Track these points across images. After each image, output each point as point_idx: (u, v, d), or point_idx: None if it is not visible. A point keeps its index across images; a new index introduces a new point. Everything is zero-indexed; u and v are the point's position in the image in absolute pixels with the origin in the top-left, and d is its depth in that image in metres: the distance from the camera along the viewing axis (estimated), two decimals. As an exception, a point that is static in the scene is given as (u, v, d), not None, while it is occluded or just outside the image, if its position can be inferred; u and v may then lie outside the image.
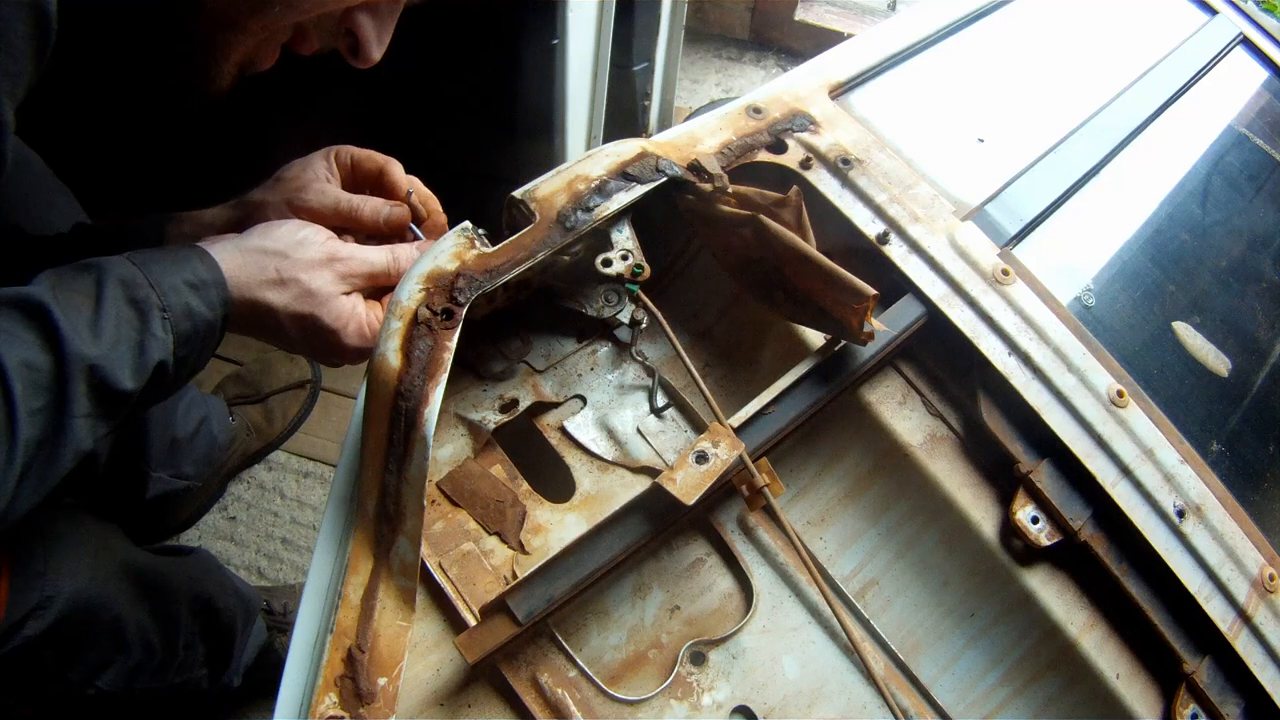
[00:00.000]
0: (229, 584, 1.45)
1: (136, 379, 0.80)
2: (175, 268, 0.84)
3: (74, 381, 0.76)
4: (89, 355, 0.76)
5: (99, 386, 0.78)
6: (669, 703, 0.86)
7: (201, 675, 1.41)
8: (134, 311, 0.81)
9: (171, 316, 0.83)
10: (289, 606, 1.66)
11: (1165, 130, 1.32)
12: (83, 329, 0.77)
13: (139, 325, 0.81)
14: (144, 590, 1.22)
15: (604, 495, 0.96)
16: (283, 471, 2.04)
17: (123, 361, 0.79)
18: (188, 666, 1.36)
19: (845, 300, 0.89)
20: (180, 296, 0.83)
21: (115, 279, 0.81)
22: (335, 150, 1.06)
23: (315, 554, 0.81)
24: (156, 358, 0.82)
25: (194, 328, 0.85)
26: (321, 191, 1.01)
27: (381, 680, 0.75)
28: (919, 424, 1.00)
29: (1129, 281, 1.18)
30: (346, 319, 0.94)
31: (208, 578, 1.40)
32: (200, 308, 0.85)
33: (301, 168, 1.04)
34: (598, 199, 0.95)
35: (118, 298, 0.80)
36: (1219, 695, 0.91)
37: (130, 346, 0.80)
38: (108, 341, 0.78)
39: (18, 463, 0.73)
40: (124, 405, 0.81)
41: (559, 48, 1.72)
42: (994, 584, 0.95)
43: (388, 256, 0.98)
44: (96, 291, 0.79)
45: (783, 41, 3.26)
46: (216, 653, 1.43)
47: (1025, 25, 1.39)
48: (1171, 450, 0.98)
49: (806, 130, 1.09)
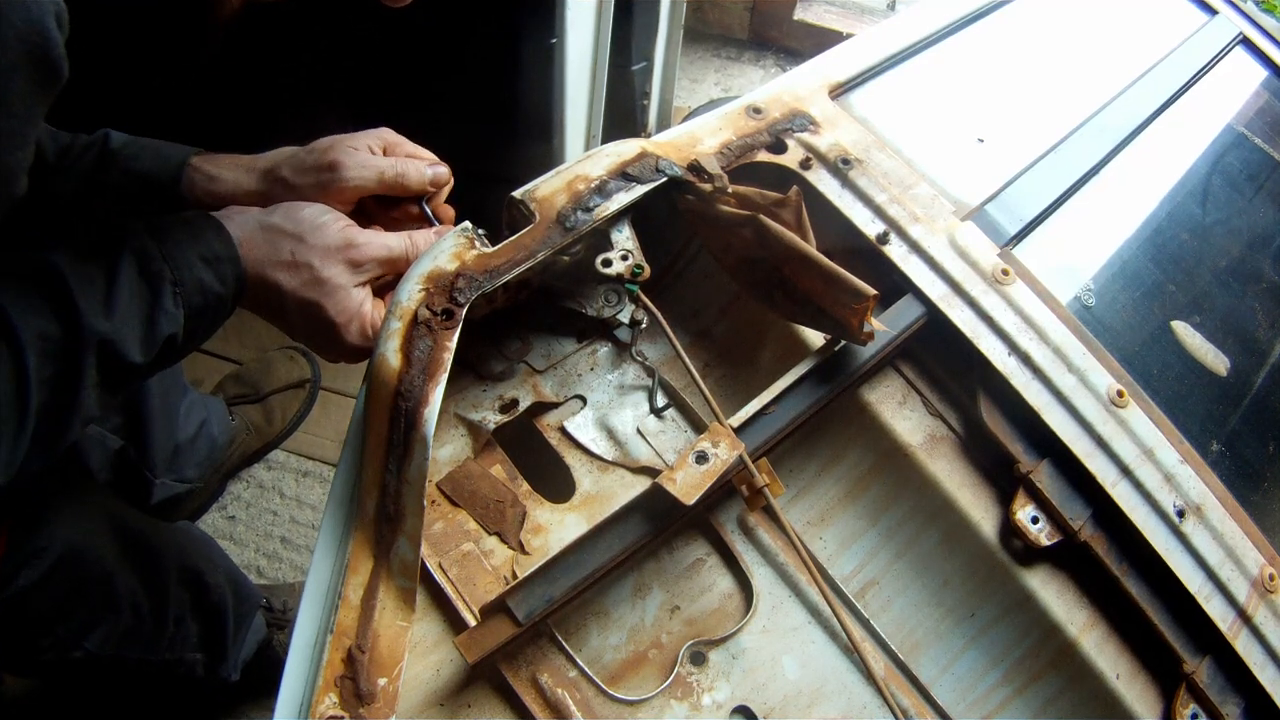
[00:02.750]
0: (217, 561, 1.45)
1: (146, 352, 0.82)
2: (191, 241, 0.85)
3: (86, 353, 0.78)
4: (101, 329, 0.78)
5: (109, 359, 0.80)
6: (669, 703, 0.86)
7: (196, 660, 1.41)
8: (147, 285, 0.82)
9: (183, 291, 0.84)
10: (289, 604, 1.67)
11: (1165, 130, 1.32)
12: (97, 303, 0.78)
13: (151, 299, 0.82)
14: (134, 551, 1.23)
15: (604, 495, 0.96)
16: (282, 471, 2.04)
17: (134, 335, 0.81)
18: (179, 644, 1.36)
19: (845, 300, 0.89)
20: (194, 271, 0.84)
21: (131, 252, 0.82)
22: (386, 133, 1.04)
23: (315, 554, 0.81)
24: (167, 331, 0.83)
25: (205, 302, 0.86)
26: (363, 164, 0.99)
27: (381, 680, 0.75)
28: (919, 424, 1.00)
29: (1129, 281, 1.18)
30: (351, 314, 0.93)
31: (194, 549, 1.40)
32: (213, 283, 0.85)
33: (344, 140, 1.01)
34: (598, 199, 0.95)
35: (132, 271, 0.81)
36: (1219, 695, 0.91)
37: (142, 320, 0.81)
38: (120, 316, 0.80)
39: (29, 429, 0.76)
40: (132, 376, 0.83)
41: (558, 47, 1.72)
42: (994, 584, 0.95)
43: (405, 242, 0.96)
44: (112, 264, 0.81)
45: (782, 41, 3.26)
46: (209, 635, 1.42)
47: (1025, 25, 1.39)
48: (1171, 450, 0.98)
49: (806, 130, 1.09)
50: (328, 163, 0.98)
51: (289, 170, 0.99)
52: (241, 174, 1.00)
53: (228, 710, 1.64)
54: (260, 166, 1.00)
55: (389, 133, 1.04)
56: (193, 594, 1.37)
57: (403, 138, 1.05)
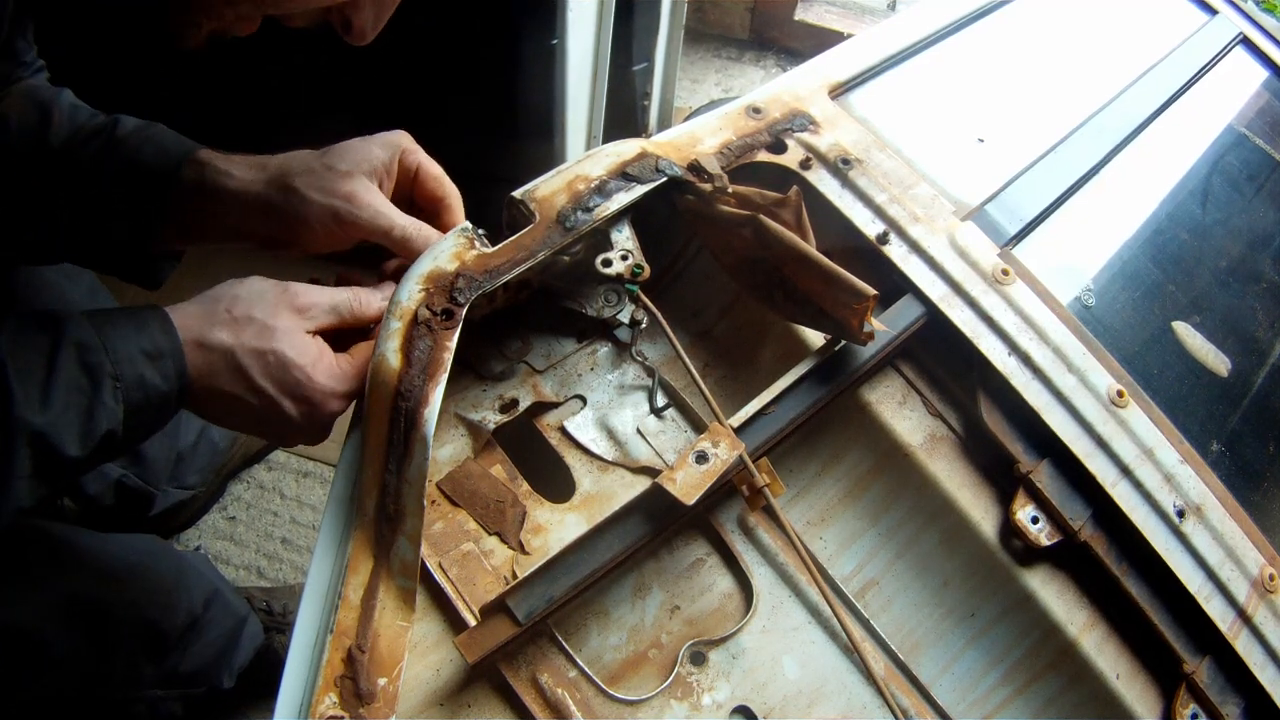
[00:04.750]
0: (178, 600, 1.36)
1: (82, 446, 0.79)
2: (134, 334, 0.81)
3: (18, 444, 0.75)
4: (35, 423, 0.75)
5: (43, 452, 0.77)
6: (669, 703, 0.86)
7: (159, 696, 1.36)
8: (86, 378, 0.79)
9: (124, 386, 0.80)
10: (288, 607, 1.66)
11: (1165, 130, 1.32)
12: (33, 393, 0.76)
13: (90, 392, 0.79)
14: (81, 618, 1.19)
15: (604, 495, 0.96)
16: (282, 471, 2.04)
17: (70, 428, 0.77)
18: (132, 684, 1.31)
19: (845, 300, 0.89)
20: (135, 367, 0.80)
21: (71, 342, 0.79)
22: (406, 151, 0.98)
23: (315, 554, 0.81)
24: (105, 427, 0.79)
25: (146, 399, 0.81)
26: (377, 213, 0.93)
27: (381, 680, 0.75)
28: (919, 424, 1.00)
29: (1129, 281, 1.18)
30: (314, 356, 0.86)
31: (151, 599, 1.32)
32: (155, 379, 0.81)
33: (360, 158, 0.95)
34: (598, 199, 0.95)
35: (71, 362, 0.78)
36: (1219, 695, 0.91)
37: (79, 414, 0.78)
38: (57, 408, 0.77)
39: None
40: (69, 469, 0.80)
41: (559, 47, 1.72)
42: (994, 584, 0.95)
43: (349, 294, 0.91)
44: (51, 352, 0.78)
45: (782, 41, 3.26)
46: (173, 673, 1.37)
47: (1025, 25, 1.39)
48: (1171, 450, 0.98)
49: (806, 130, 1.09)
50: (347, 175, 0.93)
51: (302, 182, 0.93)
52: (251, 174, 0.95)
53: (227, 713, 1.64)
54: (271, 168, 0.95)
55: (405, 138, 0.99)
56: (146, 644, 1.32)
57: (417, 146, 1.00)
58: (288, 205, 0.93)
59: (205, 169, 0.96)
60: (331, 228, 0.93)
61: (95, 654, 1.24)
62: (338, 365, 0.88)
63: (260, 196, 0.94)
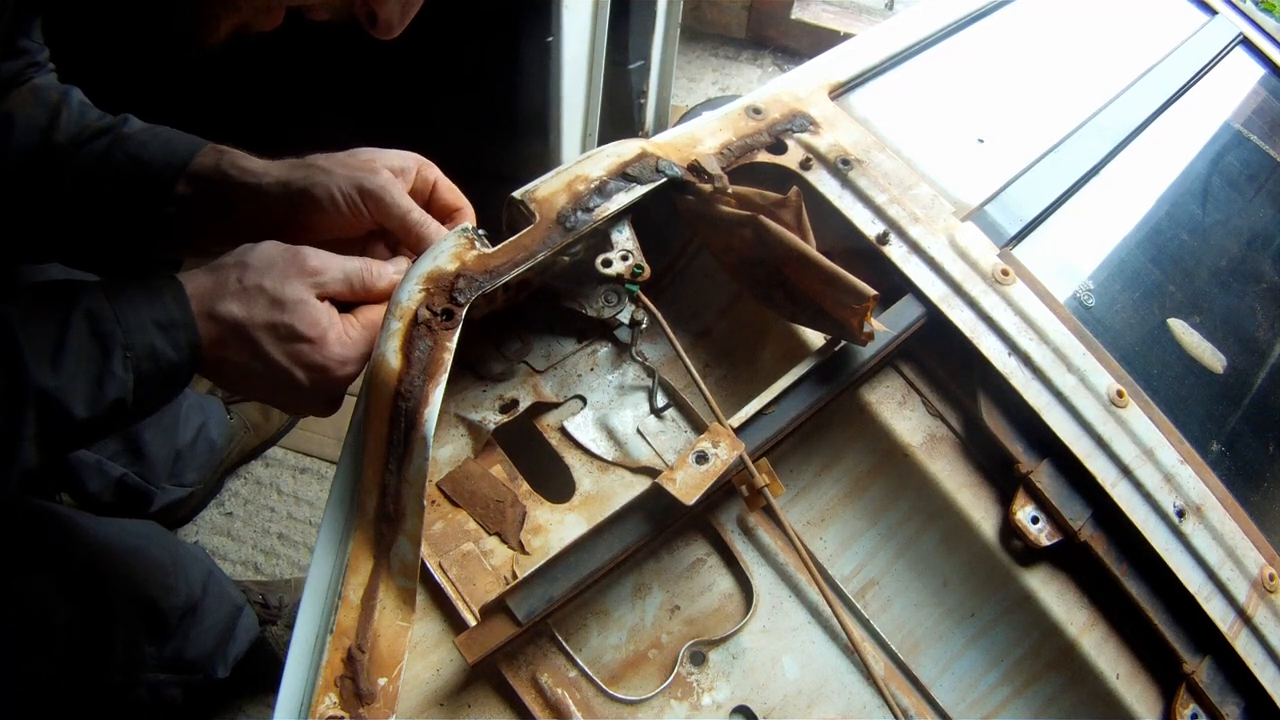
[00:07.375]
0: (177, 583, 1.37)
1: (90, 409, 0.79)
2: (147, 304, 0.82)
3: (27, 404, 0.76)
4: (45, 384, 0.76)
5: (51, 413, 0.77)
6: (669, 703, 0.86)
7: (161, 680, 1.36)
8: (97, 346, 0.79)
9: (134, 356, 0.80)
10: (284, 600, 1.67)
11: (1165, 130, 1.33)
12: (44, 358, 0.76)
13: (100, 360, 0.79)
14: (77, 590, 1.19)
15: (604, 495, 0.95)
16: (280, 467, 2.04)
17: (78, 392, 0.78)
18: (132, 667, 1.31)
19: (845, 301, 0.89)
20: (146, 336, 0.80)
21: (83, 310, 0.79)
22: (425, 165, 1.00)
23: (315, 554, 0.81)
24: (113, 395, 0.80)
25: (157, 369, 0.82)
26: (400, 194, 0.94)
27: (381, 680, 0.74)
28: (919, 424, 1.00)
29: (1129, 281, 1.18)
30: (324, 326, 0.86)
31: (150, 577, 1.33)
32: (166, 349, 0.81)
33: (380, 153, 0.97)
34: (597, 199, 0.94)
35: (82, 330, 0.79)
36: (1219, 695, 0.91)
37: (89, 380, 0.78)
38: (67, 373, 0.77)
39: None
40: (76, 433, 0.80)
41: (554, 45, 1.72)
42: (994, 584, 0.95)
43: (360, 264, 0.91)
44: (63, 320, 0.78)
45: (780, 40, 3.26)
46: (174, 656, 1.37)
47: (1025, 25, 1.39)
48: (1171, 450, 0.98)
49: (806, 131, 1.09)
50: (370, 162, 0.95)
51: (323, 160, 0.95)
52: (268, 162, 0.96)
53: (223, 706, 1.63)
54: (289, 158, 0.96)
55: (427, 165, 1.00)
56: (145, 622, 1.32)
57: (439, 171, 1.01)
58: (308, 179, 0.94)
59: (224, 154, 0.97)
60: (353, 197, 0.93)
61: (96, 627, 1.24)
62: (347, 333, 0.88)
63: (279, 178, 0.95)
